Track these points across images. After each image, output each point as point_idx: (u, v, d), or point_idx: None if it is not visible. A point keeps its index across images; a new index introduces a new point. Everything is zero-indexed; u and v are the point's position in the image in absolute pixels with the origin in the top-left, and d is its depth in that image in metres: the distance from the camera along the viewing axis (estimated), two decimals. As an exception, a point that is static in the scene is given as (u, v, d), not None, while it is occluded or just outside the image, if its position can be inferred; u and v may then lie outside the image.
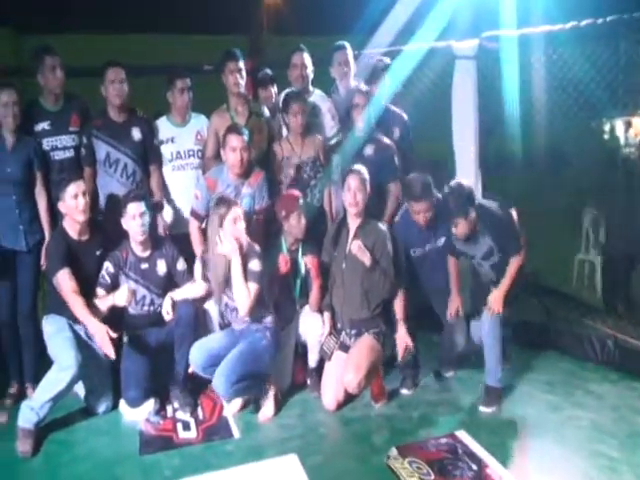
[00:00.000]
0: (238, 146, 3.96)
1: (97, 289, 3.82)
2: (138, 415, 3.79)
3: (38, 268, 4.00)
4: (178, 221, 4.37)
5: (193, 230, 4.18)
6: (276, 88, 4.86)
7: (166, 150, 4.35)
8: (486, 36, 4.70)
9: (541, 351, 4.50)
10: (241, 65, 4.36)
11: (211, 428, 3.71)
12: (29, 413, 3.50)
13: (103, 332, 3.56)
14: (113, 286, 3.83)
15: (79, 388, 3.80)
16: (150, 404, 3.81)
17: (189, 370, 3.85)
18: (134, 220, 3.80)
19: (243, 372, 3.64)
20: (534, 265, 4.87)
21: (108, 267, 3.85)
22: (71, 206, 3.72)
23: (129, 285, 3.83)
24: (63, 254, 3.71)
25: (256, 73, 5.05)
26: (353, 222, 3.96)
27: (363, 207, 3.91)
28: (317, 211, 4.36)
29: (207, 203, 4.05)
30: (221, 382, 3.61)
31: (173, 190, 4.38)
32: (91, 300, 3.72)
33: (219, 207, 3.72)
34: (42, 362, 3.87)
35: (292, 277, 4.06)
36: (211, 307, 4.03)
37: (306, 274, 4.05)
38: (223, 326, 4.02)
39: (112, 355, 3.59)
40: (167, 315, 3.83)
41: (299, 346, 4.10)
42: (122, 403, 3.85)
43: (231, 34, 9.69)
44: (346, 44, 4.73)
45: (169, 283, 3.97)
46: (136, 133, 4.22)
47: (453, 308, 4.01)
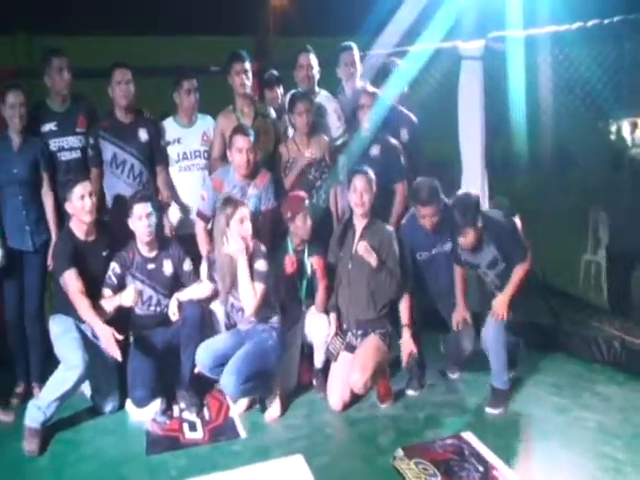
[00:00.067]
0: (244, 147, 3.97)
1: (103, 289, 3.83)
2: (145, 415, 3.80)
3: (45, 268, 4.02)
4: (184, 222, 4.38)
5: (199, 231, 4.19)
6: (282, 89, 4.86)
7: (173, 151, 4.36)
8: (492, 37, 4.69)
9: (548, 353, 4.49)
10: (247, 66, 4.37)
11: (217, 428, 3.71)
12: (36, 412, 3.51)
13: (109, 334, 3.57)
14: (119, 286, 3.84)
15: (86, 388, 3.82)
16: (157, 404, 3.82)
17: (195, 370, 3.85)
18: (140, 221, 3.81)
19: (250, 372, 3.64)
20: (541, 266, 4.86)
21: (114, 267, 3.86)
22: (78, 207, 3.73)
23: (135, 286, 3.83)
24: (70, 255, 3.72)
25: (262, 74, 5.06)
26: (359, 223, 3.96)
27: (369, 208, 3.90)
28: (323, 212, 4.37)
29: (213, 204, 4.05)
30: (230, 382, 3.60)
31: (179, 191, 4.39)
32: (98, 301, 3.74)
33: (226, 207, 3.72)
34: (49, 362, 3.88)
35: (298, 278, 4.07)
36: (217, 308, 4.04)
37: (312, 275, 4.06)
38: (229, 327, 4.02)
39: (118, 357, 3.60)
40: (173, 315, 3.84)
41: (305, 347, 4.11)
42: (129, 403, 3.86)
43: (237, 35, 9.69)
44: (352, 45, 4.73)
45: (175, 284, 3.98)
46: (143, 134, 4.23)
47: (459, 318, 3.97)
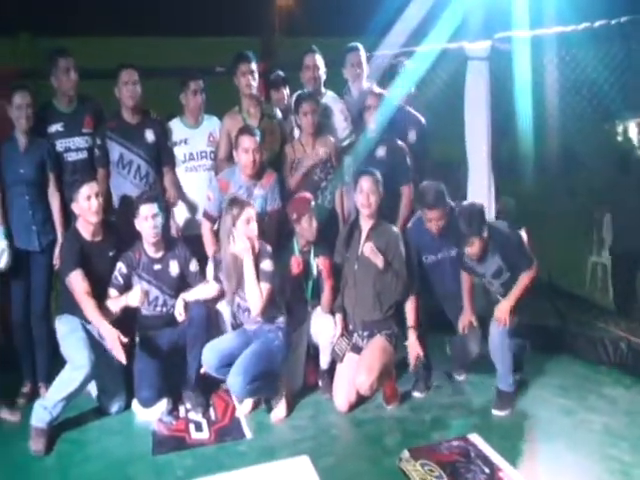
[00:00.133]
0: (250, 147, 3.97)
1: (110, 290, 3.83)
2: (151, 415, 3.81)
3: (51, 268, 4.03)
4: (190, 222, 4.39)
5: (205, 231, 4.20)
6: (288, 90, 4.86)
7: (179, 151, 4.37)
8: (498, 37, 4.67)
9: (554, 354, 4.47)
10: (253, 67, 4.37)
11: (223, 429, 3.71)
12: (42, 412, 3.52)
13: (114, 336, 3.57)
14: (126, 287, 3.85)
15: (92, 388, 3.82)
16: (163, 404, 3.82)
17: (201, 371, 3.85)
18: (147, 221, 3.81)
19: (257, 372, 3.64)
20: (547, 267, 4.85)
21: (121, 268, 3.86)
22: (84, 207, 3.73)
23: (142, 286, 3.84)
24: (76, 255, 3.72)
25: (268, 75, 5.06)
26: (365, 224, 3.95)
27: (376, 209, 3.90)
28: (328, 213, 4.36)
29: (219, 204, 4.05)
30: (236, 381, 3.60)
31: (186, 191, 4.40)
32: (104, 301, 3.75)
33: (232, 208, 3.72)
34: (55, 362, 3.88)
35: (304, 278, 4.07)
36: (223, 308, 4.04)
37: (318, 275, 4.05)
38: (235, 327, 4.02)
39: (123, 360, 3.60)
40: (180, 316, 3.84)
41: (311, 347, 4.10)
42: (135, 403, 3.87)
43: (243, 36, 9.68)
44: (359, 45, 4.72)
45: (182, 284, 3.98)
46: (149, 135, 4.23)
47: (465, 322, 3.94)
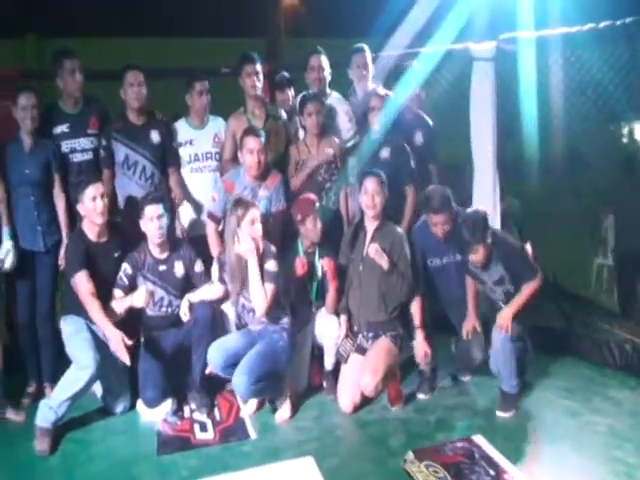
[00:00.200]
0: (255, 148, 3.97)
1: (115, 290, 3.84)
2: (156, 415, 3.81)
3: (56, 269, 4.04)
4: (195, 223, 4.40)
5: (210, 232, 4.20)
6: (293, 91, 4.87)
7: (184, 152, 4.37)
8: (504, 38, 4.66)
9: (559, 356, 4.46)
10: (258, 68, 4.37)
11: (228, 429, 3.72)
12: (47, 412, 3.53)
13: (118, 338, 3.58)
14: (131, 287, 3.85)
15: (97, 388, 3.83)
16: (168, 404, 3.83)
17: (207, 371, 3.86)
18: (152, 222, 3.82)
19: (262, 372, 3.64)
20: (552, 269, 4.83)
21: (126, 269, 3.87)
22: (89, 208, 3.74)
23: (147, 287, 3.85)
24: (81, 256, 3.73)
25: (273, 76, 5.07)
26: (370, 225, 3.95)
27: (380, 210, 3.90)
28: (333, 214, 4.36)
29: (224, 205, 4.06)
30: (241, 381, 3.61)
31: (191, 192, 4.40)
32: (109, 302, 3.76)
33: (237, 209, 3.72)
34: (60, 362, 3.89)
35: (308, 279, 4.07)
36: (228, 309, 4.04)
37: (322, 276, 4.05)
38: (240, 327, 4.02)
39: (127, 362, 3.61)
40: (184, 316, 3.85)
41: (315, 348, 4.10)
42: (140, 403, 3.88)
43: (248, 37, 9.70)
44: (365, 47, 4.73)
45: (187, 285, 3.99)
46: (155, 136, 4.24)
47: (469, 327, 3.94)
